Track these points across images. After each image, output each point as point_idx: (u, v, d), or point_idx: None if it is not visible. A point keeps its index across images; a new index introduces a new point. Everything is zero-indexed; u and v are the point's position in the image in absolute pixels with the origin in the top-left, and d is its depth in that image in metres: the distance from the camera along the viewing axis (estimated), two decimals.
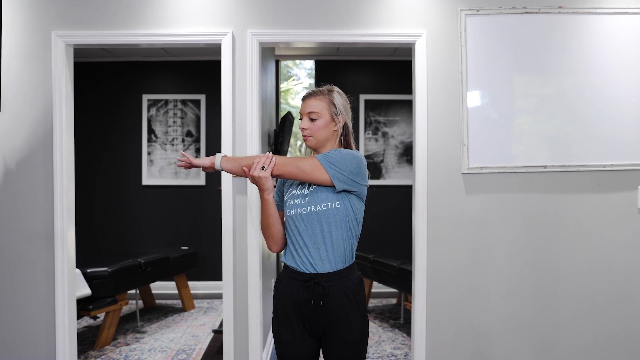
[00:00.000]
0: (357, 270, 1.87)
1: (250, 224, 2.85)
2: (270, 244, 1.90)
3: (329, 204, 1.76)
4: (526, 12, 2.79)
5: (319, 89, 1.88)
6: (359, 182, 1.79)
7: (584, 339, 2.88)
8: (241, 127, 2.86)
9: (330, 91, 1.87)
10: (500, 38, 2.81)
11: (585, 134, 2.83)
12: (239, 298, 2.88)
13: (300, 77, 9.05)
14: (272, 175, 1.78)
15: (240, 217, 2.87)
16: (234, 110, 2.86)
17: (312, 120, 1.83)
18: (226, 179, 2.86)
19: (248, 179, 1.91)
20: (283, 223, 1.89)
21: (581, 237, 2.86)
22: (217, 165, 1.84)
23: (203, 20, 2.84)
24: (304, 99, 1.87)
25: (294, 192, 1.85)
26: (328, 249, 1.77)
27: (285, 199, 1.88)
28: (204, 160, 1.86)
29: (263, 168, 1.75)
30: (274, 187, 1.88)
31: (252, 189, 2.85)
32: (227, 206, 2.86)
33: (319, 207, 1.77)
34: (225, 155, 1.87)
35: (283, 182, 1.95)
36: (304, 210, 1.78)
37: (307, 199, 1.79)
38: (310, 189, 1.80)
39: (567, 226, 2.86)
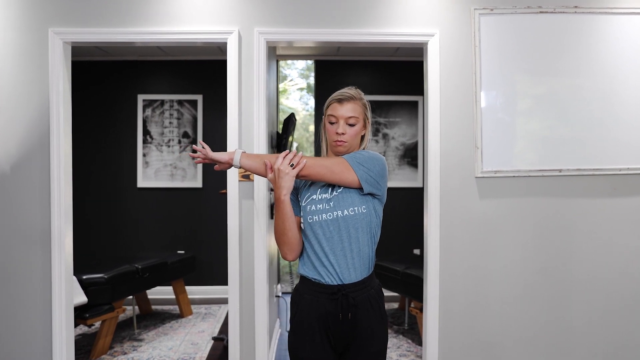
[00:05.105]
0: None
1: (257, 229, 2.75)
2: (286, 251, 1.74)
3: (355, 208, 1.68)
4: (541, 12, 2.72)
5: (351, 92, 1.77)
6: (383, 186, 1.73)
7: (598, 346, 2.81)
8: (248, 128, 2.76)
9: (362, 96, 1.80)
10: (514, 38, 2.73)
11: (601, 137, 2.76)
12: (245, 305, 2.78)
13: (293, 77, 8.95)
14: (299, 176, 1.66)
15: (247, 222, 2.76)
16: (240, 110, 2.75)
17: (350, 125, 1.74)
18: (231, 182, 2.76)
19: (267, 179, 1.76)
20: (299, 228, 1.77)
21: (596, 242, 2.80)
22: (236, 162, 1.70)
23: (208, 18, 2.73)
24: (341, 102, 1.74)
25: (313, 196, 1.73)
26: (354, 257, 1.68)
27: (303, 204, 1.75)
28: (222, 155, 1.71)
29: (292, 166, 1.63)
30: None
31: (260, 194, 2.75)
32: (232, 210, 2.75)
33: (346, 212, 1.67)
34: (244, 152, 1.75)
35: (298, 185, 1.82)
36: (329, 215, 1.68)
37: (331, 203, 1.68)
38: (334, 192, 1.70)
39: (582, 231, 2.80)
